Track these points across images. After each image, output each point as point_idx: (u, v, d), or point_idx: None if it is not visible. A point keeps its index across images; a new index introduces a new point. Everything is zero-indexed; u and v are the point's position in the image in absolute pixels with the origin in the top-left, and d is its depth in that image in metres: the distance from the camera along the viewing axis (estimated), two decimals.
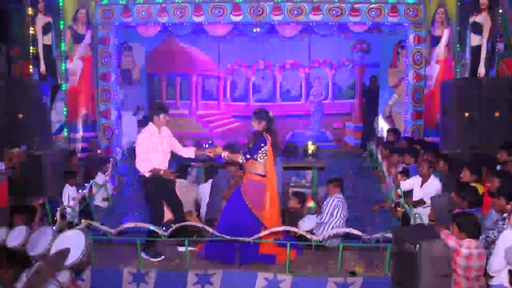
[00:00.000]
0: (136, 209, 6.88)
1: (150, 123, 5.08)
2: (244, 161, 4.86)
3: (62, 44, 8.10)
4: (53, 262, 3.42)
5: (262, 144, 4.83)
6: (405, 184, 5.75)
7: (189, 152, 5.32)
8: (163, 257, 5.10)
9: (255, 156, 4.84)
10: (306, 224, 5.57)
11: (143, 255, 4.98)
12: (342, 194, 5.64)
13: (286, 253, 4.70)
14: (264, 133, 4.90)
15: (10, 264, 3.68)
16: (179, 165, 6.45)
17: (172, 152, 5.27)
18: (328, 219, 5.42)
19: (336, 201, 5.47)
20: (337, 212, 5.42)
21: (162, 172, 4.94)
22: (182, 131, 9.92)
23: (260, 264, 4.82)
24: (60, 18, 8.06)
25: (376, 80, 9.82)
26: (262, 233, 4.60)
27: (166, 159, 5.14)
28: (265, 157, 4.86)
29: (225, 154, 5.02)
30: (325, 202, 5.60)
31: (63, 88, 8.14)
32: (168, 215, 5.21)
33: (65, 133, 8.17)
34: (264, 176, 4.89)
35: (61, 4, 8.04)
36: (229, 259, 4.85)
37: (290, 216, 5.71)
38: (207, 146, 7.02)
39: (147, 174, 4.98)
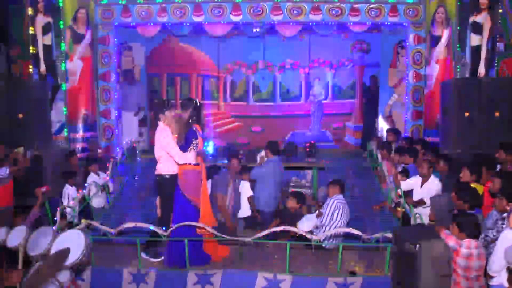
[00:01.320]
0: (136, 209, 6.87)
1: (159, 122, 4.99)
2: (180, 162, 4.82)
3: (62, 44, 8.10)
4: (53, 262, 3.42)
5: (193, 138, 4.88)
6: (405, 184, 5.75)
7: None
8: (163, 257, 5.10)
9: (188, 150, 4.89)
10: (305, 224, 5.55)
11: (143, 255, 4.98)
12: (343, 196, 5.59)
13: (221, 252, 4.86)
14: (191, 123, 4.91)
15: (10, 264, 3.67)
16: None
17: None
18: (329, 222, 5.35)
19: (336, 203, 5.40)
20: (337, 214, 5.35)
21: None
22: None
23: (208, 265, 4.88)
24: (60, 18, 8.05)
25: (376, 80, 9.79)
26: (261, 234, 4.61)
27: None
28: (196, 148, 4.93)
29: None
30: (325, 204, 5.56)
31: (63, 88, 8.14)
32: None
33: (65, 133, 8.17)
34: (197, 164, 4.96)
35: (61, 4, 8.03)
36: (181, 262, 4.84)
37: (289, 216, 5.69)
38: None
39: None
